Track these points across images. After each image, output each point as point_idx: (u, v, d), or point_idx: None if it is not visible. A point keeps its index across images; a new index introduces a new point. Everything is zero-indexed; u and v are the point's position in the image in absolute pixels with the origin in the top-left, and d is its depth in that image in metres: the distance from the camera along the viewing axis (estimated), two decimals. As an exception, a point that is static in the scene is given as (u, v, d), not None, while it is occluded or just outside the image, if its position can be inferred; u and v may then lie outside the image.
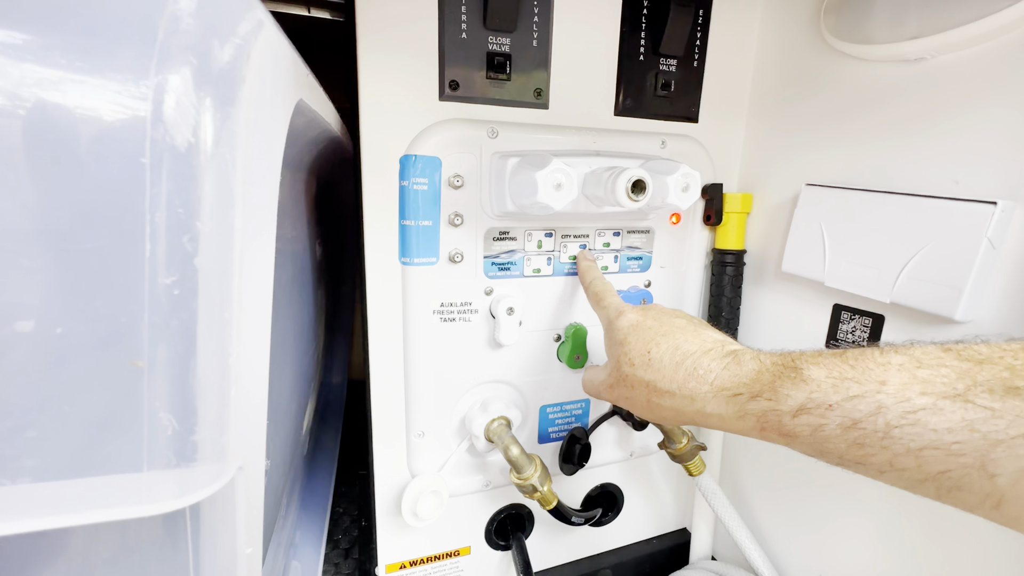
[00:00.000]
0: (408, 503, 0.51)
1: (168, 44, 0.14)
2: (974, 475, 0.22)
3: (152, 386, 0.15)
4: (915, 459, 0.23)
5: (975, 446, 0.21)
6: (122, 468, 0.15)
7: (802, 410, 0.27)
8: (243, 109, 0.16)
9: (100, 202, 0.14)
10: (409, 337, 0.50)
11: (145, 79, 0.14)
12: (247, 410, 0.19)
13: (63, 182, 0.14)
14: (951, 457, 0.22)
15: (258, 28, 0.17)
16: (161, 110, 0.14)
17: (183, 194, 0.15)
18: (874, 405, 0.24)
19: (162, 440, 0.16)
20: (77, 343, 0.15)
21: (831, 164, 0.51)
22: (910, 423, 0.23)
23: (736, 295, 0.60)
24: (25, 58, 0.13)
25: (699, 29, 0.54)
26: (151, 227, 0.15)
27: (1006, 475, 0.21)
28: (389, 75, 0.44)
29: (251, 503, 0.20)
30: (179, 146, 0.14)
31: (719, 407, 0.31)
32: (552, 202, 0.42)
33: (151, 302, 0.15)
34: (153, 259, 0.15)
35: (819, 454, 0.27)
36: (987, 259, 0.38)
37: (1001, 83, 0.38)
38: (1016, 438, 0.21)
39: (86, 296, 0.15)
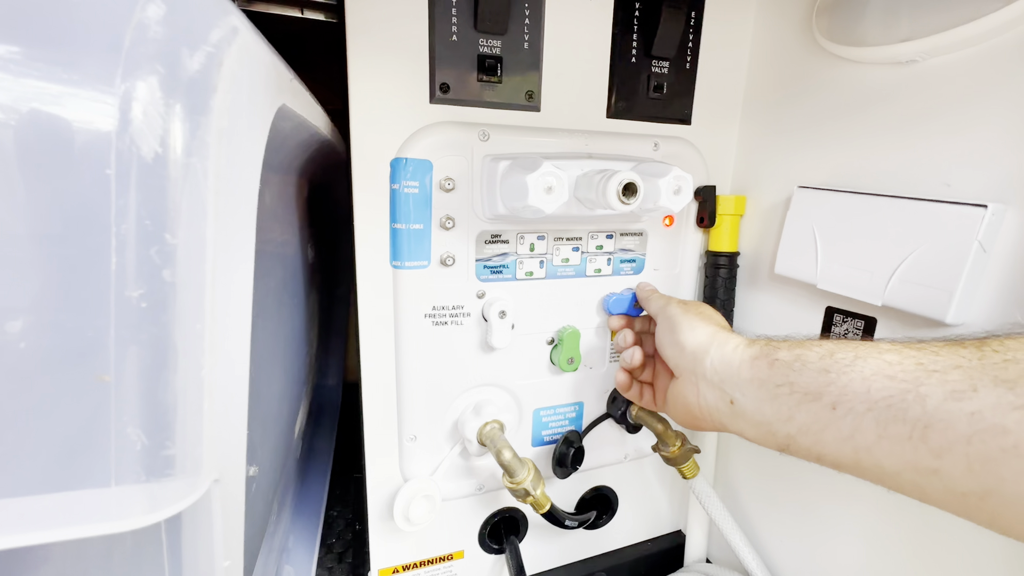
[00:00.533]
0: (400, 507, 0.51)
1: (134, 53, 0.14)
2: (909, 399, 0.25)
3: (120, 401, 0.15)
4: (865, 384, 0.27)
5: (915, 375, 0.26)
6: (90, 484, 0.15)
7: (797, 345, 0.33)
8: (215, 118, 0.16)
9: (64, 214, 0.14)
10: (401, 341, 0.50)
11: (110, 88, 0.14)
12: (224, 422, 0.18)
13: (24, 194, 0.14)
14: (894, 383, 0.26)
15: (232, 35, 0.16)
16: (128, 120, 0.14)
17: (150, 205, 0.15)
18: (851, 346, 0.30)
19: (131, 455, 0.15)
20: (42, 357, 0.14)
21: (824, 166, 0.51)
22: (872, 356, 0.28)
23: (730, 297, 0.60)
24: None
25: (691, 31, 0.54)
26: (117, 239, 0.14)
27: (933, 397, 0.24)
28: (379, 77, 0.44)
29: (230, 514, 0.19)
30: (146, 156, 0.14)
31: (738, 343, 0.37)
32: (543, 205, 0.42)
33: (118, 315, 0.15)
34: (120, 272, 0.15)
35: (788, 384, 0.31)
36: (978, 262, 0.38)
37: (992, 85, 0.38)
38: (948, 367, 0.25)
39: (51, 310, 0.14)
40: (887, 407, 0.26)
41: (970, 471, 0.23)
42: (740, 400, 0.35)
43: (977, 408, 0.23)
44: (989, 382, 0.23)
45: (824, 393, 0.29)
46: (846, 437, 0.28)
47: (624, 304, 0.56)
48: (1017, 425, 0.21)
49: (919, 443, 0.24)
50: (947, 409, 0.24)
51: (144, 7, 0.14)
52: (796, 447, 0.31)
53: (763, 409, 0.33)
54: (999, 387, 0.23)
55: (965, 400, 0.23)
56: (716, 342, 0.38)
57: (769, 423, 0.32)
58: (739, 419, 0.35)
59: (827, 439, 0.29)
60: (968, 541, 0.41)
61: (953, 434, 0.23)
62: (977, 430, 0.22)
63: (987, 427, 0.22)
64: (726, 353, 0.37)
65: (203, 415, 0.17)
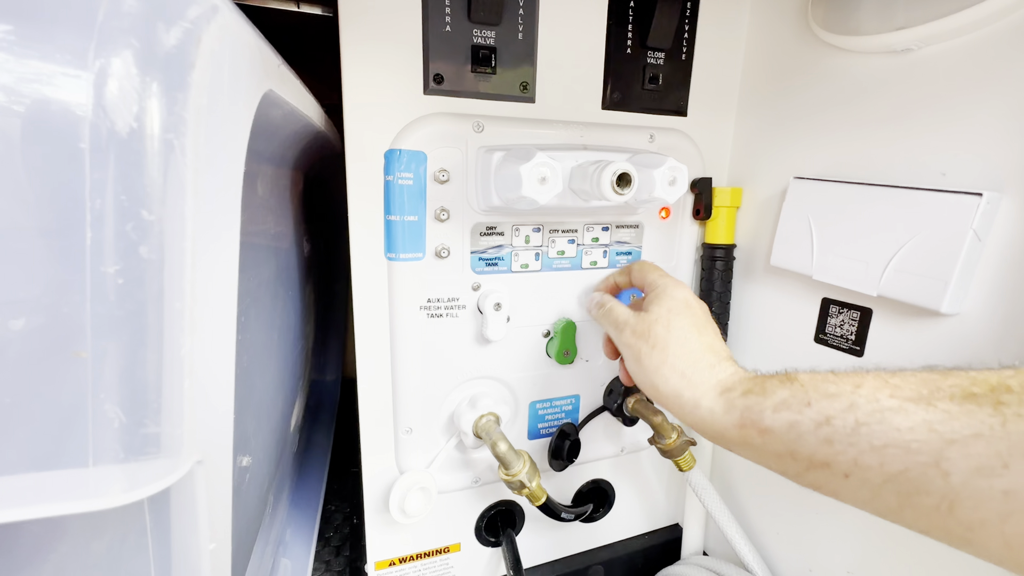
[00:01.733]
0: (396, 500, 0.51)
1: (108, 27, 0.14)
2: (930, 474, 0.22)
3: (97, 378, 0.15)
4: (878, 457, 0.24)
5: (932, 445, 0.23)
6: (67, 462, 0.15)
7: (783, 405, 0.29)
8: (193, 95, 0.15)
9: (36, 188, 0.14)
10: (396, 333, 0.50)
11: (84, 63, 0.14)
12: (207, 403, 0.18)
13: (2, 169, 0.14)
14: (910, 455, 0.23)
15: (211, 13, 0.16)
16: (102, 94, 0.14)
17: (126, 181, 0.15)
18: (847, 403, 0.26)
19: (108, 433, 0.15)
20: (15, 332, 0.14)
21: (820, 157, 0.50)
22: (876, 421, 0.25)
23: (726, 289, 0.60)
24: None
25: (687, 22, 0.54)
26: (92, 214, 0.14)
27: (958, 473, 0.22)
28: (373, 68, 0.44)
29: (216, 497, 0.19)
30: (121, 131, 0.14)
31: (712, 401, 0.33)
32: (537, 196, 0.42)
33: (94, 291, 0.15)
34: (95, 247, 0.14)
35: (790, 455, 0.28)
36: (973, 251, 0.37)
37: (988, 74, 0.38)
38: (968, 437, 0.22)
39: (23, 285, 0.14)
40: (906, 480, 0.23)
41: (1008, 547, 0.21)
42: (738, 453, 0.32)
43: (1011, 487, 0.21)
44: (1020, 457, 0.21)
45: (832, 463, 0.26)
46: (866, 500, 0.26)
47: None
48: None
49: (947, 515, 0.22)
50: (976, 487, 0.22)
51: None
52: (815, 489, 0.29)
53: (768, 464, 0.30)
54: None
55: (995, 478, 0.21)
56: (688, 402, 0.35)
57: (779, 472, 0.30)
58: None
59: (846, 497, 0.27)
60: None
61: (985, 512, 0.21)
62: (1013, 510, 0.21)
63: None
64: (703, 416, 0.34)
65: (184, 394, 0.17)
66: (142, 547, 0.18)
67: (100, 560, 0.18)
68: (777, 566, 0.59)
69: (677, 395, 0.35)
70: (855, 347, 0.48)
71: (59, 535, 0.18)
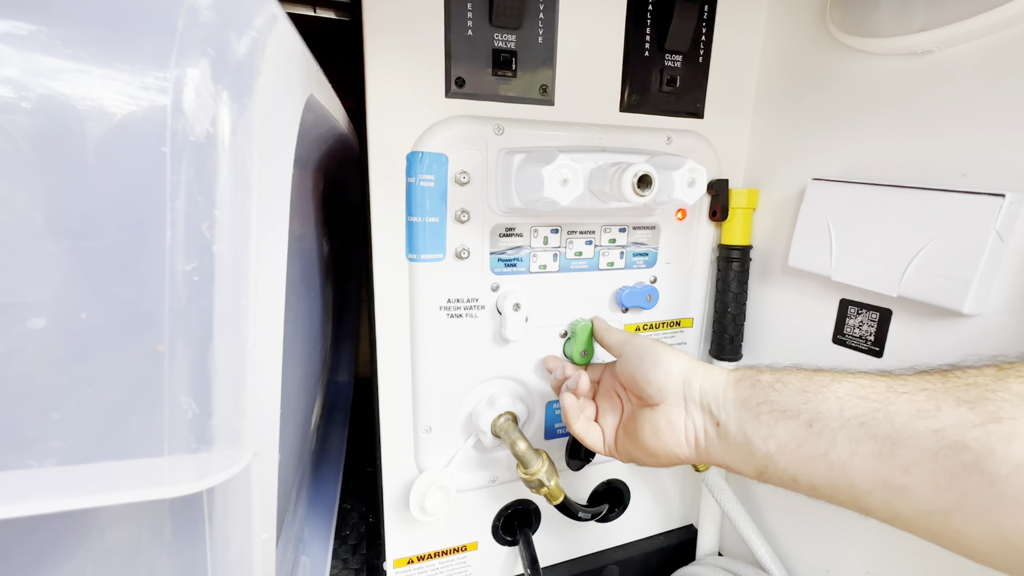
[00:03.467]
0: (416, 498, 0.52)
1: (187, 36, 0.14)
2: (879, 417, 0.27)
3: (172, 371, 0.16)
4: (838, 403, 0.29)
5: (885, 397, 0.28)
6: (144, 451, 0.16)
7: (777, 371, 0.35)
8: (259, 101, 0.16)
9: (122, 191, 0.15)
10: (416, 333, 0.51)
11: (165, 71, 0.14)
12: (262, 397, 0.19)
13: (85, 172, 0.14)
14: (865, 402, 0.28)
15: (272, 22, 0.17)
16: (181, 101, 0.15)
17: (202, 183, 0.15)
18: (828, 374, 0.33)
19: (182, 424, 0.16)
20: (100, 328, 0.15)
21: (837, 158, 0.51)
22: (848, 379, 0.31)
23: (742, 291, 0.60)
24: (52, 51, 0.14)
25: (704, 25, 0.54)
26: (171, 215, 0.15)
27: (902, 415, 0.26)
28: (396, 73, 0.45)
29: (266, 489, 0.20)
30: (198, 136, 0.15)
31: (702, 382, 0.38)
32: (558, 197, 0.42)
33: (171, 288, 0.15)
34: (173, 246, 0.15)
35: (768, 403, 0.33)
36: (995, 251, 0.38)
37: (1009, 75, 0.38)
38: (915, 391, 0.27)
39: (109, 282, 0.15)
40: (859, 424, 0.28)
41: (936, 487, 0.24)
42: (725, 421, 0.36)
43: (940, 426, 0.24)
44: (952, 402, 0.25)
45: (802, 411, 0.31)
46: (821, 454, 0.29)
47: (637, 297, 0.56)
48: (976, 442, 0.23)
49: (888, 459, 0.26)
50: (914, 427, 0.25)
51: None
52: (773, 468, 0.33)
53: (745, 428, 0.34)
54: (960, 407, 0.24)
55: (930, 419, 0.25)
56: (701, 367, 0.39)
57: (750, 442, 0.34)
58: (722, 442, 0.36)
59: (803, 457, 0.30)
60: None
61: (920, 451, 0.25)
62: (941, 447, 0.24)
63: (950, 443, 0.24)
64: (712, 376, 0.38)
65: (246, 388, 0.17)
66: (199, 536, 0.19)
67: (160, 548, 0.19)
68: (794, 566, 0.59)
69: (694, 363, 0.40)
70: (874, 348, 0.48)
71: (119, 522, 0.19)
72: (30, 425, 0.14)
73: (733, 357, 0.61)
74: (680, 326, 0.62)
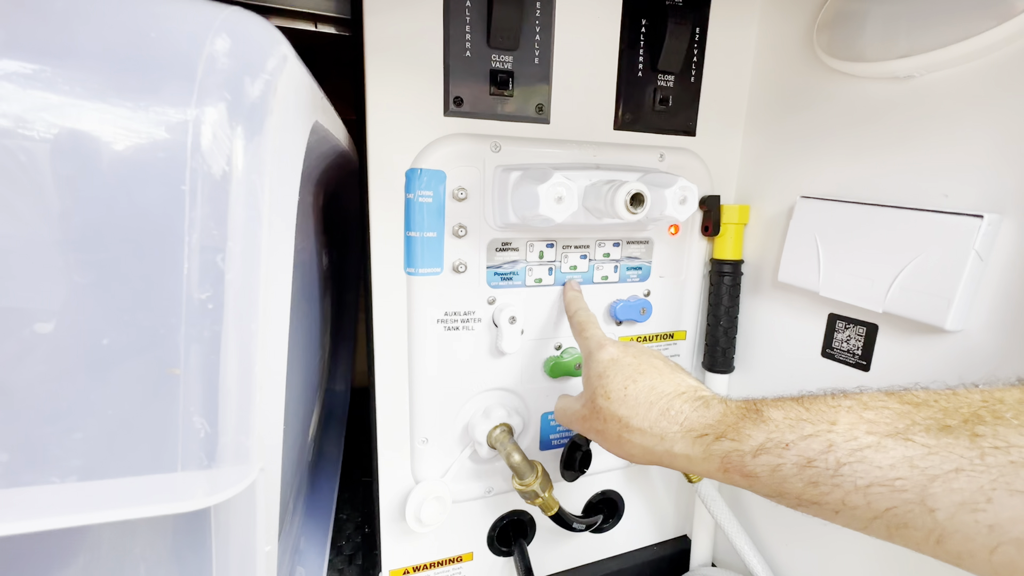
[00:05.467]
0: (412, 509, 0.52)
1: (206, 83, 0.16)
2: (916, 511, 0.23)
3: (187, 393, 0.17)
4: (864, 497, 0.24)
5: (915, 481, 0.23)
6: (158, 468, 0.17)
7: (762, 450, 0.28)
8: (270, 138, 0.17)
9: (144, 225, 0.16)
10: (414, 345, 0.52)
11: (186, 115, 0.15)
12: (268, 414, 0.20)
13: (112, 208, 0.15)
14: (895, 493, 0.24)
15: (283, 63, 0.18)
16: (199, 142, 0.16)
17: (217, 217, 0.16)
18: (826, 443, 0.26)
19: (195, 442, 0.17)
20: (121, 352, 0.16)
21: (825, 177, 0.52)
22: (857, 460, 0.25)
23: (734, 304, 0.61)
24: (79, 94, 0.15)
25: (696, 46, 0.56)
26: (188, 247, 0.16)
27: (944, 509, 0.22)
28: (396, 92, 0.46)
29: (270, 503, 0.21)
30: (215, 174, 0.16)
31: (686, 447, 0.32)
32: (553, 215, 0.44)
33: (187, 315, 0.16)
34: (189, 276, 0.16)
35: (778, 495, 0.28)
36: (975, 271, 0.39)
37: (987, 100, 0.40)
38: (949, 472, 0.22)
39: (130, 310, 0.16)
40: (894, 516, 0.24)
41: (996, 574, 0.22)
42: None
43: (995, 521, 0.21)
44: (1004, 493, 0.22)
45: (821, 502, 0.26)
46: (858, 530, 0.26)
47: (631, 310, 0.58)
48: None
49: (936, 546, 0.23)
50: (962, 521, 0.22)
51: (213, 40, 0.16)
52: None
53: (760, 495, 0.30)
54: (1014, 498, 0.21)
55: (980, 512, 0.22)
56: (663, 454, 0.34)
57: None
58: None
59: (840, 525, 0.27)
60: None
61: (974, 545, 0.22)
62: (1001, 542, 0.21)
63: (1011, 540, 0.21)
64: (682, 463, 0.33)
65: (254, 407, 0.18)
66: (204, 548, 0.19)
67: (165, 559, 0.20)
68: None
69: (649, 451, 0.34)
70: (861, 361, 0.49)
71: (123, 537, 0.19)
72: (55, 444, 0.15)
73: (725, 369, 0.62)
74: (673, 338, 0.63)
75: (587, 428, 0.40)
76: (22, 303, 0.15)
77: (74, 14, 0.14)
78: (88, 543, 0.19)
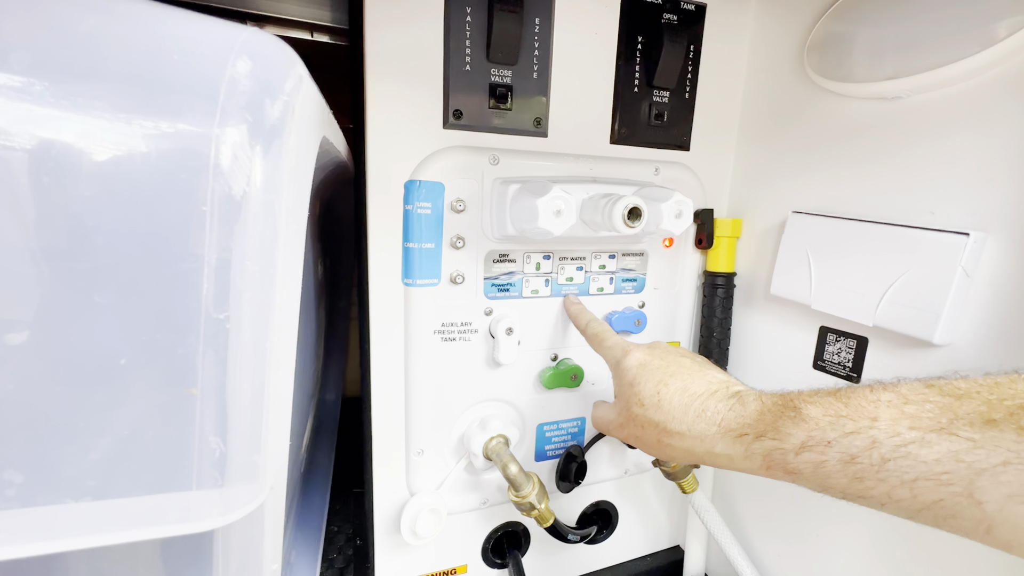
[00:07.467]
0: (407, 521, 0.52)
1: (228, 105, 0.16)
2: (964, 503, 0.23)
3: (203, 412, 0.17)
4: (910, 490, 0.25)
5: (962, 475, 0.23)
6: (174, 487, 0.16)
7: (804, 447, 0.28)
8: (287, 158, 0.17)
9: (165, 245, 0.16)
10: (410, 356, 0.51)
11: (208, 136, 0.15)
12: (277, 433, 0.20)
13: (134, 228, 0.15)
14: (942, 487, 0.24)
15: (299, 83, 0.18)
16: (220, 163, 0.16)
17: (236, 237, 0.16)
18: (868, 440, 0.26)
19: (210, 462, 0.17)
20: (139, 372, 0.16)
21: (816, 192, 0.53)
22: (902, 456, 0.25)
23: (727, 316, 0.62)
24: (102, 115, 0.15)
25: (691, 63, 0.57)
26: (207, 267, 0.16)
27: (992, 501, 0.22)
28: (395, 104, 0.46)
29: (276, 521, 0.21)
30: (235, 194, 0.16)
31: (727, 447, 0.32)
32: (552, 227, 0.44)
33: (205, 335, 0.16)
34: (208, 296, 0.16)
35: (823, 489, 0.28)
36: (962, 286, 0.40)
37: (972, 121, 0.41)
38: (997, 466, 0.22)
39: (149, 330, 0.16)
40: (941, 508, 0.24)
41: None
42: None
43: None
44: None
45: (867, 497, 0.26)
46: (906, 519, 0.26)
47: (626, 322, 0.58)
48: None
49: (985, 535, 0.23)
50: (1011, 512, 0.22)
51: (235, 63, 0.16)
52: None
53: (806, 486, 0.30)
54: None
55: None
56: (704, 453, 0.34)
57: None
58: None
59: (889, 513, 0.27)
60: (965, 557, 0.43)
61: (1023, 534, 0.22)
62: None
63: None
64: (723, 462, 0.33)
65: (266, 426, 0.18)
66: (209, 568, 0.19)
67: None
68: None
69: (690, 453, 0.35)
70: (852, 374, 0.50)
71: (135, 554, 0.19)
72: (69, 466, 0.15)
73: (718, 380, 0.63)
74: (667, 350, 0.64)
75: (626, 435, 0.40)
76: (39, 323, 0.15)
77: (99, 35, 0.14)
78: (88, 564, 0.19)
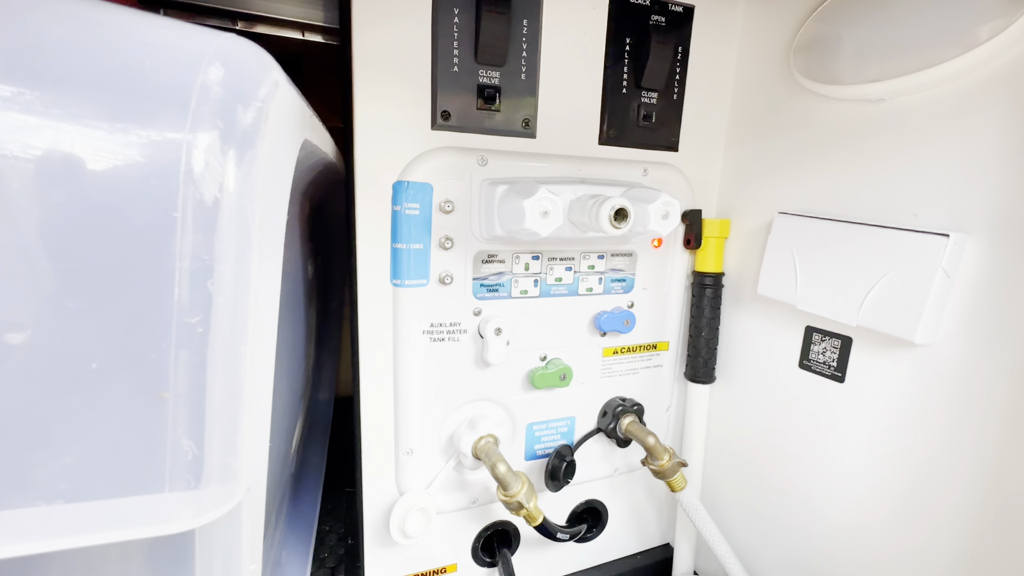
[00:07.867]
0: (396, 520, 0.52)
1: (199, 111, 0.16)
2: None
3: (176, 415, 0.17)
4: None
5: None
6: (146, 489, 0.17)
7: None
8: (261, 164, 0.17)
9: (137, 251, 0.16)
10: (399, 356, 0.52)
11: (179, 143, 0.16)
12: (254, 435, 0.20)
13: (106, 234, 0.15)
14: None
15: (274, 89, 0.18)
16: (192, 169, 0.16)
17: (208, 243, 0.16)
18: None
19: (183, 464, 0.17)
20: (111, 377, 0.16)
21: (802, 193, 0.54)
22: None
23: (715, 316, 0.62)
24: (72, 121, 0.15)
25: (679, 65, 0.57)
26: (179, 273, 0.16)
27: None
28: (383, 105, 0.46)
29: (254, 522, 0.21)
30: (207, 201, 0.16)
31: None
32: (539, 228, 0.44)
33: (177, 340, 0.16)
34: (180, 301, 0.16)
35: None
36: (942, 287, 0.40)
37: (953, 124, 0.41)
38: None
39: (121, 335, 0.16)
40: None
41: None
42: None
43: None
44: None
45: None
46: None
47: (615, 322, 0.58)
48: None
49: None
50: None
51: (207, 70, 0.16)
52: None
53: None
54: None
55: None
56: None
57: None
58: None
59: None
60: (955, 560, 0.43)
61: None
62: None
63: None
64: None
65: (241, 429, 0.18)
66: (188, 568, 0.19)
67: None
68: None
69: None
70: (837, 373, 0.50)
71: (112, 555, 0.19)
72: (42, 469, 0.15)
73: (707, 380, 0.64)
74: (656, 349, 0.64)
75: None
76: (11, 327, 0.15)
77: (70, 42, 0.14)
78: (66, 565, 0.19)
